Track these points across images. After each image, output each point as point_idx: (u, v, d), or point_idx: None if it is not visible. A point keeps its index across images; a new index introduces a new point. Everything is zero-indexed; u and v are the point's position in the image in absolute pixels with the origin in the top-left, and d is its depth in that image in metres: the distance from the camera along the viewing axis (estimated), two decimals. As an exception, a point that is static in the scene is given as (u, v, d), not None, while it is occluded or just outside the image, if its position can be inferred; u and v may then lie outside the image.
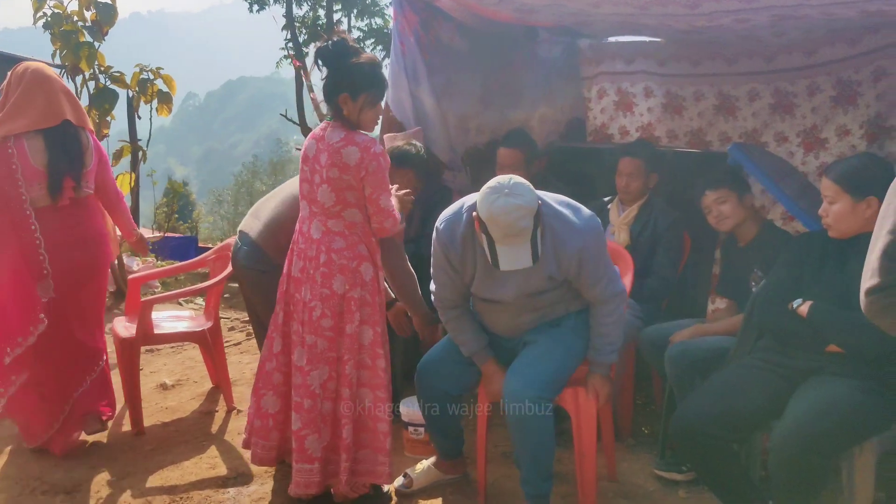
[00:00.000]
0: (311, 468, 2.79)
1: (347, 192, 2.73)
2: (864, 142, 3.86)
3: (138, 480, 3.28)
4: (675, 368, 3.14)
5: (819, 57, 3.96)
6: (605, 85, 4.82)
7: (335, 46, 2.71)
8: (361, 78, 2.71)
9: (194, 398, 4.29)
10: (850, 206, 2.51)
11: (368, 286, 2.81)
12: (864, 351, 2.41)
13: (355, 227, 2.79)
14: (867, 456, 2.41)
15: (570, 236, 2.66)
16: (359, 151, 2.68)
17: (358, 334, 2.80)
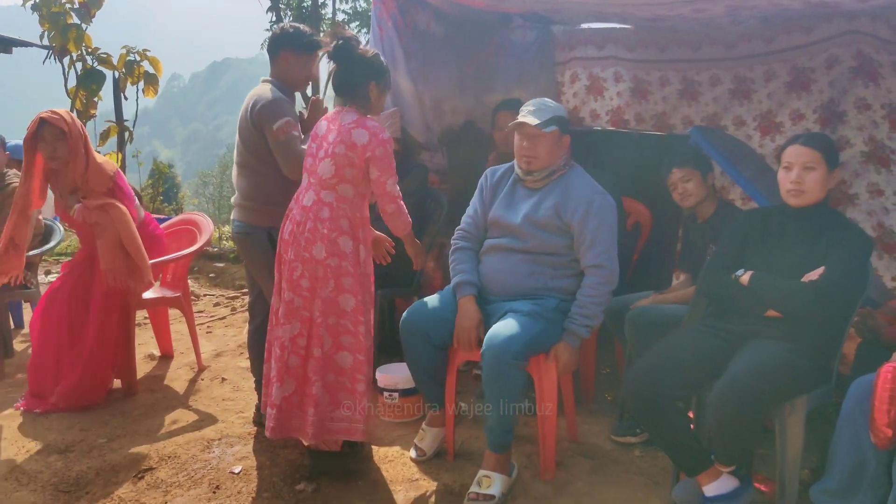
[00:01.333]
0: (270, 413, 3.01)
1: (347, 168, 2.94)
2: (818, 126, 4.08)
3: (128, 442, 3.48)
4: (632, 330, 3.37)
5: (777, 44, 4.17)
6: (577, 70, 5.00)
7: (349, 43, 3.01)
8: (382, 67, 3.09)
9: (180, 368, 4.49)
10: (825, 175, 2.71)
11: (348, 258, 2.98)
12: (800, 314, 2.63)
13: (344, 202, 2.98)
14: (798, 412, 2.63)
15: (586, 187, 3.14)
16: (368, 134, 2.93)
17: (335, 301, 2.97)
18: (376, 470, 3.19)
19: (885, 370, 2.27)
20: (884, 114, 3.91)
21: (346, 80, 3.03)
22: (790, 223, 2.78)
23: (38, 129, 3.67)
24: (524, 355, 2.90)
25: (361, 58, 3.03)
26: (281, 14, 16.05)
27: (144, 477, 3.16)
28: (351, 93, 3.04)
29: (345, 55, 3.01)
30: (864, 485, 2.42)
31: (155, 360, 4.62)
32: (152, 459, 3.30)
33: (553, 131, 3.12)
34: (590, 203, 3.09)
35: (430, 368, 3.21)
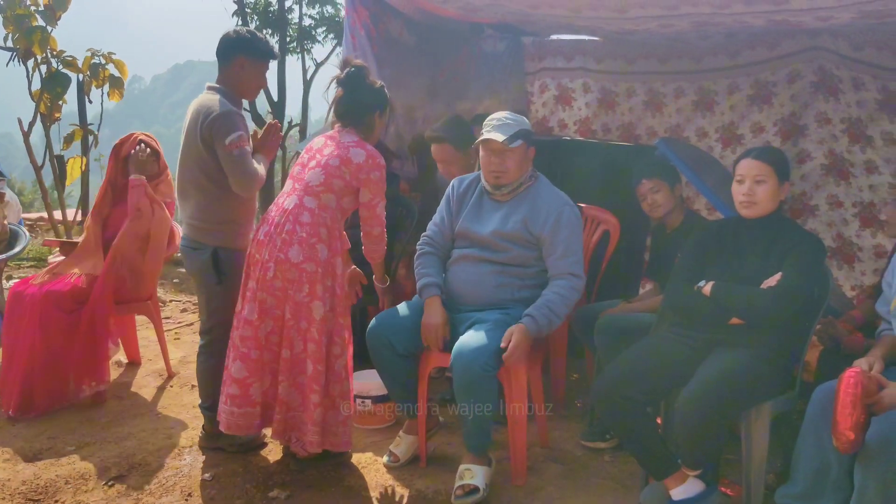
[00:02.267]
0: (254, 412, 3.05)
1: (336, 179, 3.00)
2: (778, 138, 4.21)
3: (97, 449, 3.44)
4: (602, 337, 3.44)
5: (741, 59, 4.30)
6: (546, 80, 5.08)
7: (360, 71, 3.13)
8: (386, 98, 3.21)
9: (149, 375, 4.46)
10: (776, 187, 2.80)
11: (322, 264, 3.00)
12: (762, 319, 2.71)
13: (325, 210, 3.02)
14: (763, 418, 2.71)
15: (554, 199, 3.20)
16: (365, 155, 3.01)
17: (307, 306, 2.99)
18: (350, 476, 3.21)
19: (847, 375, 2.35)
20: (843, 128, 4.05)
21: (352, 107, 3.12)
22: (745, 233, 2.87)
23: (135, 145, 4.10)
24: (493, 364, 2.93)
25: (370, 88, 3.14)
26: (247, 18, 15.97)
27: (115, 485, 3.14)
28: (355, 120, 3.13)
29: (354, 83, 3.11)
30: (828, 488, 2.49)
31: (122, 367, 4.58)
32: (122, 467, 3.28)
33: (520, 145, 3.16)
34: (559, 214, 3.14)
35: (398, 377, 3.24)
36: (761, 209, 2.83)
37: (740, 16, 3.07)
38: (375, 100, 3.15)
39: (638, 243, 4.64)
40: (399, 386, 3.25)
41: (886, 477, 2.26)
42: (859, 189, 4.08)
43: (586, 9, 3.25)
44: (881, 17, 2.97)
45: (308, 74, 16.96)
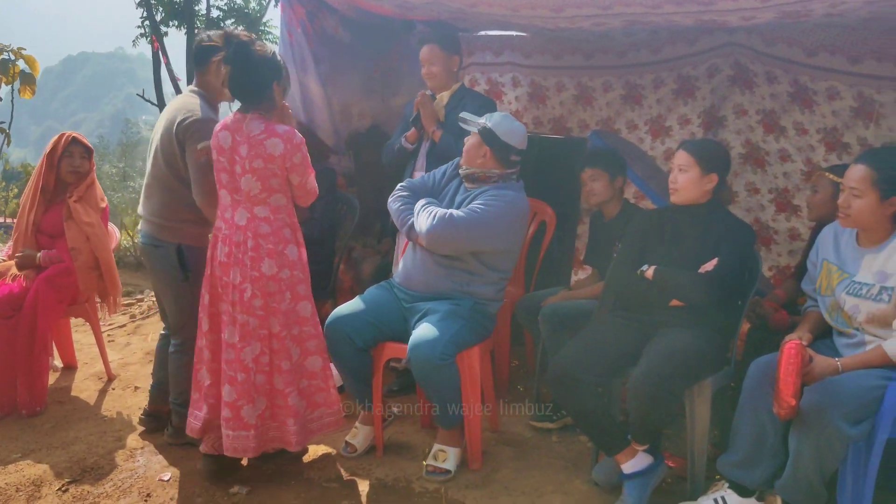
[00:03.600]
0: (248, 434, 2.96)
1: (272, 180, 2.92)
2: (701, 129, 4.44)
3: (45, 455, 3.39)
4: (547, 325, 3.59)
5: (663, 54, 4.49)
6: (476, 75, 5.18)
7: (244, 45, 2.89)
8: (281, 65, 3.00)
9: (87, 378, 4.38)
10: (698, 177, 2.99)
11: (297, 265, 3.02)
12: (699, 301, 2.90)
13: (280, 211, 2.98)
14: (705, 393, 2.91)
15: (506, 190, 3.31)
16: (282, 143, 2.87)
17: (294, 311, 3.02)
18: (309, 469, 3.26)
19: (788, 347, 2.55)
20: (758, 119, 4.30)
21: (248, 84, 2.92)
22: (683, 221, 3.07)
23: (68, 145, 4.07)
24: (449, 353, 3.06)
25: (263, 58, 2.91)
26: (152, 9, 15.50)
27: (69, 489, 3.11)
28: (255, 97, 2.94)
29: (244, 57, 2.89)
30: (765, 455, 2.70)
31: (58, 372, 4.47)
32: (74, 471, 3.25)
33: (474, 133, 3.33)
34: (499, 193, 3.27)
35: (356, 370, 3.31)
36: (682, 196, 3.03)
37: (670, 15, 3.25)
38: (271, 70, 2.94)
39: (569, 233, 4.82)
40: (357, 379, 3.32)
41: (819, 442, 2.47)
42: (774, 176, 4.35)
43: (525, 8, 3.37)
44: (798, 17, 3.19)
45: (218, 67, 16.58)
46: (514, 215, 3.29)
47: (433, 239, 3.17)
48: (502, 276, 3.37)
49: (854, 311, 2.71)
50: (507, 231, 3.27)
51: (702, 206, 3.03)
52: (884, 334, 2.64)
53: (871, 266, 2.70)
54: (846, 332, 2.78)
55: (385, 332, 3.28)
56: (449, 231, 3.14)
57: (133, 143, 42.41)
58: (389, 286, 3.45)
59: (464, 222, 3.15)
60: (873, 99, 3.81)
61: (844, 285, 2.76)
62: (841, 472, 2.55)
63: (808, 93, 4.03)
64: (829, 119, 4.00)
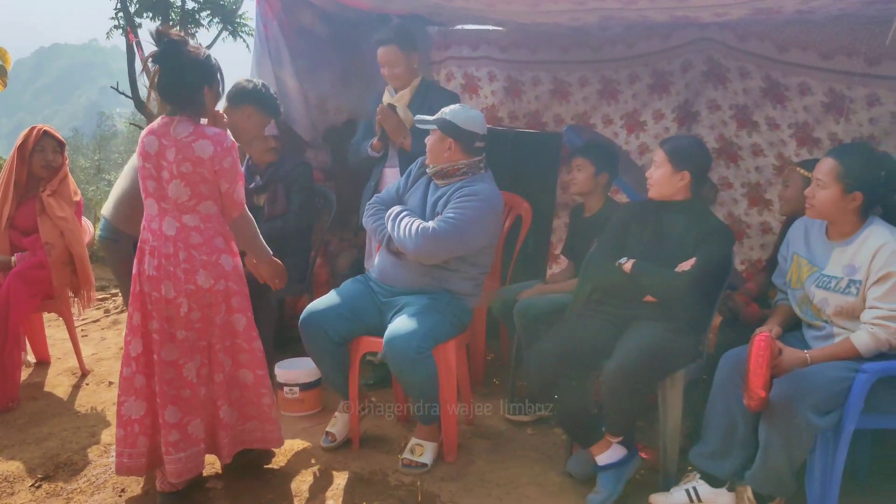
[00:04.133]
0: (199, 450, 2.86)
1: (202, 185, 2.75)
2: (675, 125, 4.48)
3: (18, 451, 3.36)
4: (522, 320, 3.61)
5: (638, 49, 4.52)
6: (452, 69, 5.19)
7: (178, 43, 2.70)
8: (216, 69, 2.83)
9: (60, 374, 4.34)
10: (669, 172, 3.03)
11: (231, 275, 2.87)
12: (673, 300, 2.94)
13: (211, 220, 2.82)
14: (677, 385, 2.94)
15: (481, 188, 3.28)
16: (211, 145, 2.72)
17: (229, 323, 2.89)
18: (286, 462, 3.26)
19: (758, 339, 2.59)
20: (731, 114, 4.35)
21: (177, 85, 2.74)
22: (665, 216, 3.10)
23: (40, 139, 4.02)
24: (426, 346, 3.07)
25: (195, 60, 2.73)
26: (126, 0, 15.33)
27: (42, 486, 3.09)
28: (184, 100, 2.76)
29: (174, 58, 2.70)
30: (736, 446, 2.75)
31: (31, 367, 4.44)
32: (48, 467, 3.22)
33: (434, 129, 3.34)
34: (472, 192, 3.26)
35: (333, 364, 3.32)
36: (655, 191, 3.09)
37: (644, 11, 3.28)
38: (203, 73, 2.77)
39: (544, 227, 4.84)
40: (334, 372, 3.33)
41: (788, 433, 2.52)
42: (747, 171, 4.40)
43: (501, 3, 3.38)
44: (770, 13, 3.24)
45: (194, 60, 16.46)
46: (492, 212, 3.30)
47: (420, 256, 3.19)
48: (481, 272, 3.40)
49: (823, 304, 2.76)
50: (486, 229, 3.28)
51: (684, 203, 3.07)
52: (852, 326, 2.69)
53: (839, 260, 2.75)
54: (815, 325, 2.83)
55: (361, 326, 3.28)
56: (433, 245, 3.15)
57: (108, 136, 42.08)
58: (365, 280, 3.46)
59: (445, 234, 3.15)
60: (844, 94, 3.87)
61: (814, 278, 2.81)
62: (809, 462, 2.60)
63: (780, 88, 4.08)
64: (801, 114, 4.06)
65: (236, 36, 17.41)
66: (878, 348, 2.59)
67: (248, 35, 16.68)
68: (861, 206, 2.69)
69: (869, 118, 3.83)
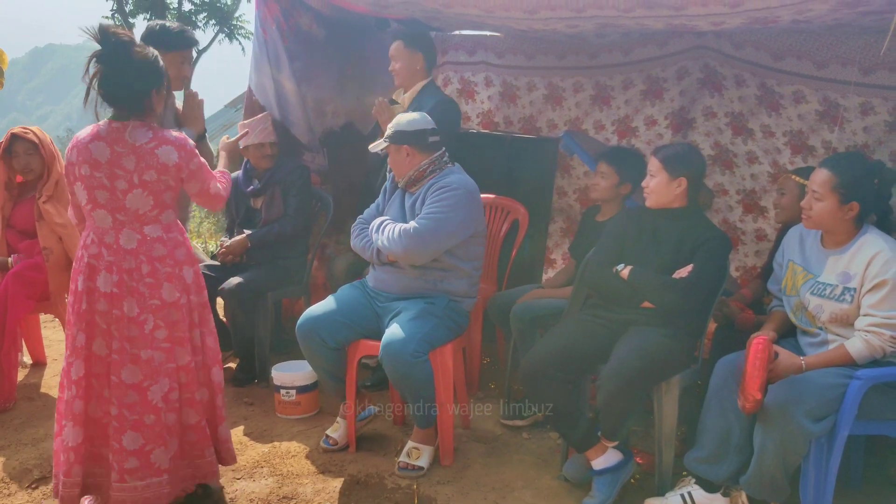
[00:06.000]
0: (161, 480, 2.67)
1: (165, 194, 2.64)
2: (670, 131, 4.51)
3: (14, 452, 3.37)
4: (518, 323, 3.63)
5: (634, 56, 4.55)
6: (449, 74, 5.22)
7: (125, 44, 2.56)
8: (163, 71, 2.69)
9: (57, 375, 4.29)
10: (666, 181, 3.05)
11: (191, 289, 2.76)
12: (670, 306, 2.96)
13: (172, 229, 2.72)
14: (672, 390, 2.96)
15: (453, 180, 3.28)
16: (175, 151, 2.60)
17: (195, 338, 2.79)
18: (283, 465, 3.27)
19: (756, 342, 2.62)
20: (727, 121, 4.38)
21: (123, 88, 2.58)
22: (662, 223, 3.12)
23: (9, 144, 3.97)
24: (422, 351, 3.09)
25: (141, 63, 2.59)
26: (122, 1, 15.36)
27: (39, 487, 3.10)
28: (131, 104, 2.61)
29: (120, 59, 2.55)
30: (731, 451, 2.77)
31: (27, 368, 4.44)
32: (44, 468, 3.22)
33: (388, 146, 3.35)
34: (443, 184, 3.27)
35: (330, 368, 3.33)
36: (653, 200, 3.10)
37: (642, 19, 3.30)
38: (150, 76, 2.62)
39: (540, 232, 4.87)
40: (331, 377, 3.35)
41: (783, 438, 2.53)
42: (742, 178, 4.43)
43: (499, 9, 3.39)
44: (766, 22, 3.26)
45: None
46: (467, 197, 3.28)
47: (407, 257, 3.21)
48: (475, 267, 3.41)
49: (818, 311, 2.78)
50: (467, 215, 3.27)
51: (681, 210, 3.09)
52: (846, 334, 2.71)
53: (834, 267, 2.77)
54: (810, 332, 2.85)
55: (358, 331, 3.30)
56: (418, 243, 3.16)
57: (101, 136, 41.92)
58: (362, 286, 3.47)
59: (427, 229, 3.16)
60: (838, 103, 3.90)
61: (809, 286, 2.83)
62: (804, 468, 2.62)
63: (775, 96, 4.11)
64: (795, 122, 4.09)
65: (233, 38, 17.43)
66: (871, 355, 2.62)
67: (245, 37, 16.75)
68: (857, 216, 2.72)
69: (863, 127, 3.86)
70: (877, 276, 2.61)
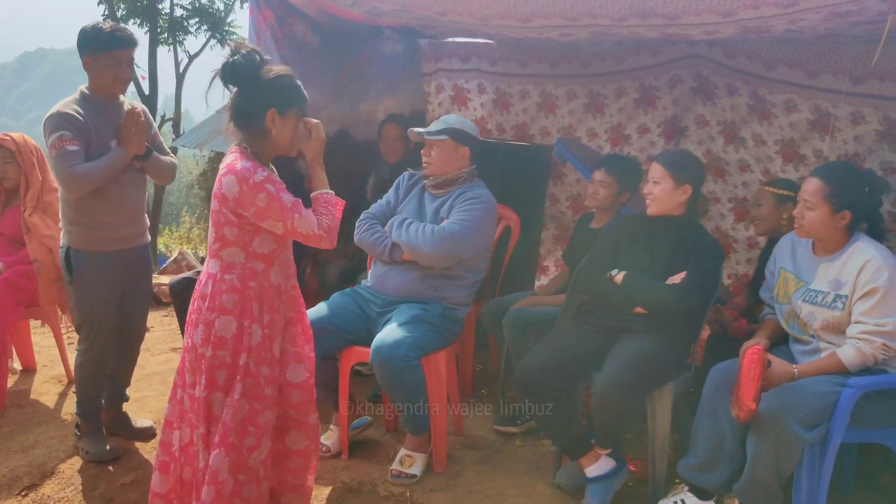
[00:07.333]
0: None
1: (225, 228, 2.35)
2: (662, 139, 4.53)
3: (3, 459, 3.34)
4: (511, 330, 3.64)
5: (627, 64, 4.57)
6: (442, 81, 5.22)
7: (247, 61, 2.34)
8: (280, 89, 2.38)
9: (47, 381, 4.32)
10: (671, 188, 3.05)
11: (225, 345, 2.37)
12: (663, 312, 2.97)
13: (230, 271, 2.38)
14: (665, 398, 2.97)
15: (482, 194, 3.39)
16: (237, 183, 2.26)
17: (206, 400, 2.39)
18: (274, 473, 3.26)
19: (751, 350, 2.63)
20: (719, 129, 4.40)
21: (238, 109, 2.39)
22: (657, 230, 3.13)
23: None
24: (413, 356, 3.08)
25: (261, 80, 2.35)
26: (114, 6, 15.33)
27: (29, 494, 3.07)
28: (244, 126, 2.40)
29: (241, 78, 2.36)
30: (723, 459, 2.77)
31: (16, 374, 4.41)
32: (34, 476, 3.20)
33: (444, 140, 3.37)
34: (475, 195, 3.34)
35: (320, 378, 3.31)
36: (657, 207, 3.09)
37: (635, 28, 3.31)
38: (266, 95, 2.35)
39: (533, 238, 4.88)
40: (323, 386, 3.32)
41: (776, 446, 2.54)
42: (734, 186, 4.46)
43: (493, 18, 3.40)
44: (759, 32, 3.28)
45: (181, 67, 16.49)
46: (492, 214, 3.42)
47: (434, 257, 3.22)
48: (477, 278, 3.45)
49: (810, 319, 2.79)
50: (490, 230, 3.42)
51: (676, 217, 3.10)
52: (838, 341, 2.72)
53: (826, 275, 2.79)
54: (802, 339, 2.86)
55: (349, 339, 3.30)
56: (449, 245, 3.21)
57: (91, 141, 41.70)
58: (354, 293, 3.46)
59: (460, 235, 3.23)
60: (829, 112, 3.93)
61: (801, 293, 2.84)
62: (796, 475, 2.63)
63: (767, 105, 4.14)
64: (787, 131, 4.11)
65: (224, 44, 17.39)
66: (863, 363, 2.63)
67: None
68: (848, 224, 2.73)
69: (854, 136, 3.89)
70: (868, 283, 2.63)
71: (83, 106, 3.11)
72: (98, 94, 3.17)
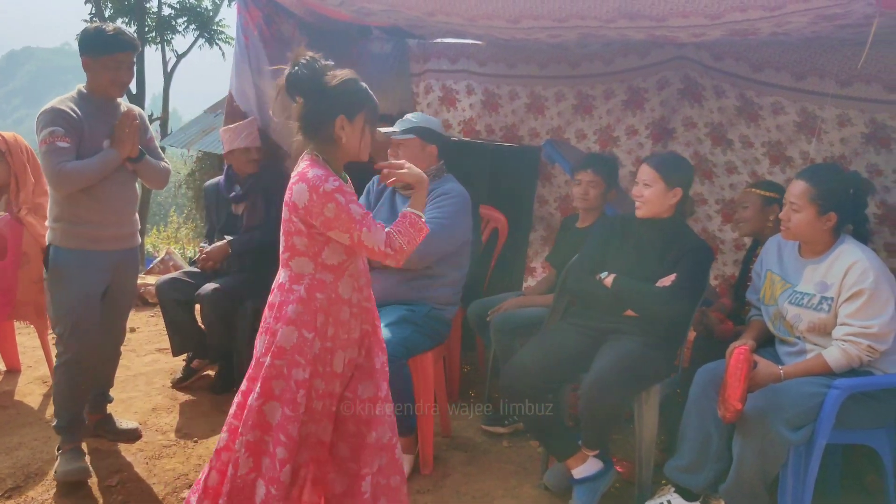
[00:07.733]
0: None
1: (295, 238, 2.30)
2: (650, 141, 4.54)
3: (-14, 460, 3.32)
4: (498, 334, 3.64)
5: (615, 66, 4.58)
6: (431, 81, 5.22)
7: (308, 70, 2.31)
8: (346, 95, 2.34)
9: (31, 382, 4.28)
10: (663, 191, 3.06)
11: (285, 355, 2.31)
12: (653, 315, 2.98)
13: (299, 281, 2.32)
14: (653, 399, 2.98)
15: (451, 186, 3.36)
16: (307, 191, 2.21)
17: (258, 410, 2.32)
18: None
19: (738, 351, 2.64)
20: (707, 131, 4.41)
21: (305, 118, 2.34)
22: (646, 232, 3.13)
23: None
24: (398, 355, 3.06)
25: (325, 88, 2.31)
26: (101, 5, 15.28)
27: (12, 496, 3.04)
28: (311, 135, 2.36)
29: (304, 87, 2.32)
30: (710, 460, 2.78)
31: (1, 375, 4.37)
32: (18, 477, 3.17)
33: (412, 139, 3.35)
34: (444, 191, 3.33)
35: None
36: (648, 210, 3.10)
37: (623, 30, 3.32)
38: (334, 103, 2.31)
39: (521, 240, 4.88)
40: None
41: (762, 447, 2.55)
42: (721, 188, 4.47)
43: (482, 18, 3.40)
44: (746, 34, 3.29)
45: (169, 66, 16.44)
46: (466, 206, 3.37)
47: (416, 258, 3.15)
48: (461, 274, 3.43)
49: (796, 321, 2.80)
50: (465, 222, 3.36)
51: (665, 220, 3.10)
52: (824, 343, 2.74)
53: (812, 277, 2.80)
54: (788, 341, 2.87)
55: None
56: (424, 246, 3.13)
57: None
58: None
59: (434, 234, 3.15)
60: (815, 115, 3.94)
61: (787, 295, 2.85)
62: (782, 476, 2.64)
63: (754, 107, 4.15)
64: (774, 133, 4.13)
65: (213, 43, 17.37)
66: (849, 364, 2.64)
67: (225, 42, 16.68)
68: (834, 226, 2.74)
69: (840, 138, 3.90)
70: (854, 285, 2.64)
71: (79, 104, 3.11)
72: (95, 95, 3.17)
